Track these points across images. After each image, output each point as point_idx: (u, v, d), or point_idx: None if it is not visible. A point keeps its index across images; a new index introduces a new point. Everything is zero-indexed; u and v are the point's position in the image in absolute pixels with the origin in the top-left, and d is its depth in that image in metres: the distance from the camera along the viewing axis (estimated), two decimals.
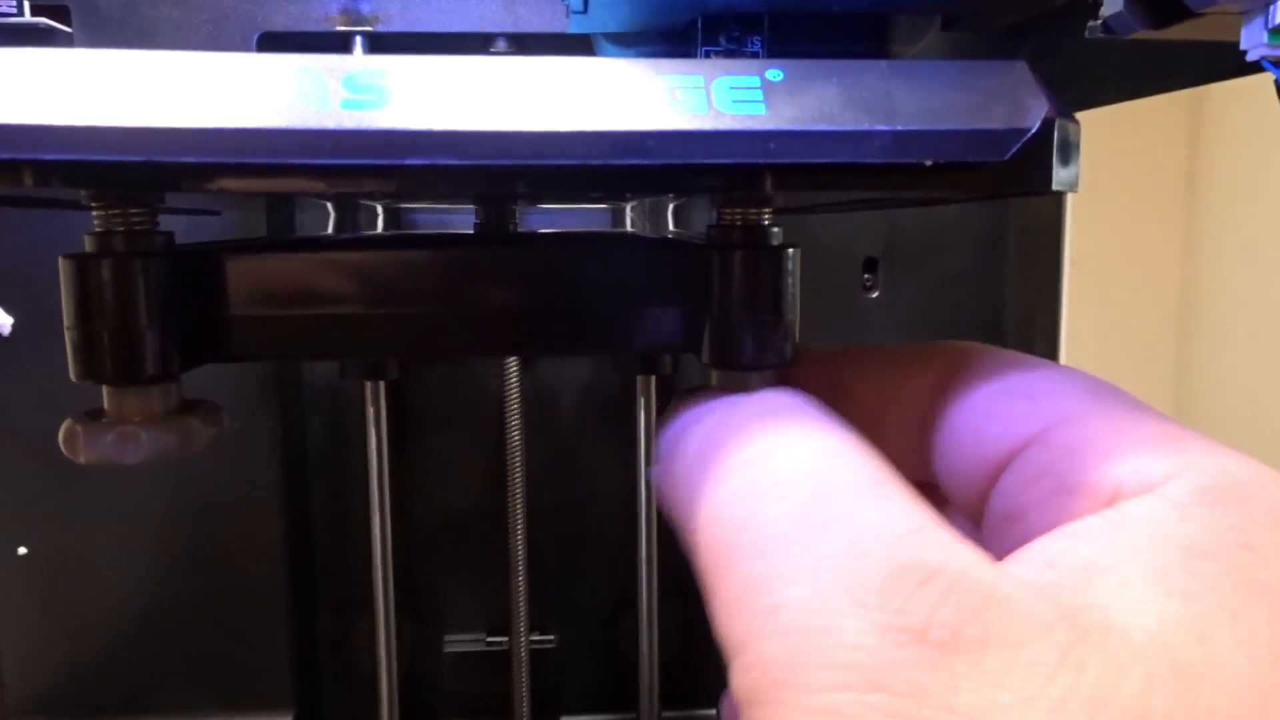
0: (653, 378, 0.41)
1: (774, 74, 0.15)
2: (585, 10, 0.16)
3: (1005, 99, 0.15)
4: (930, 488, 0.18)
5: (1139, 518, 0.13)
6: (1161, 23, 0.19)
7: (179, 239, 0.18)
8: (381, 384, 0.41)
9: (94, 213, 0.17)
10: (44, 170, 0.13)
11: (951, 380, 0.17)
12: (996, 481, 0.16)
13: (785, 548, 0.12)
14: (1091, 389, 0.16)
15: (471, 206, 0.32)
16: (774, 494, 0.13)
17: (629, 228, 0.42)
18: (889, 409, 0.18)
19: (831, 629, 0.11)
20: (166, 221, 0.18)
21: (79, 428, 0.17)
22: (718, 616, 0.13)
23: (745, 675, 0.12)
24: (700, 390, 0.18)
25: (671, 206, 0.40)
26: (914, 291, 0.42)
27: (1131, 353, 1.38)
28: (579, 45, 0.22)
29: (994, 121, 0.15)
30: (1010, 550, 0.13)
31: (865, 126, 0.14)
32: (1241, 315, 1.27)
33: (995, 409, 0.16)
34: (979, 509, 0.16)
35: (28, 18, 0.34)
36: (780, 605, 0.12)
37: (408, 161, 0.13)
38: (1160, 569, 0.12)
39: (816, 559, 0.12)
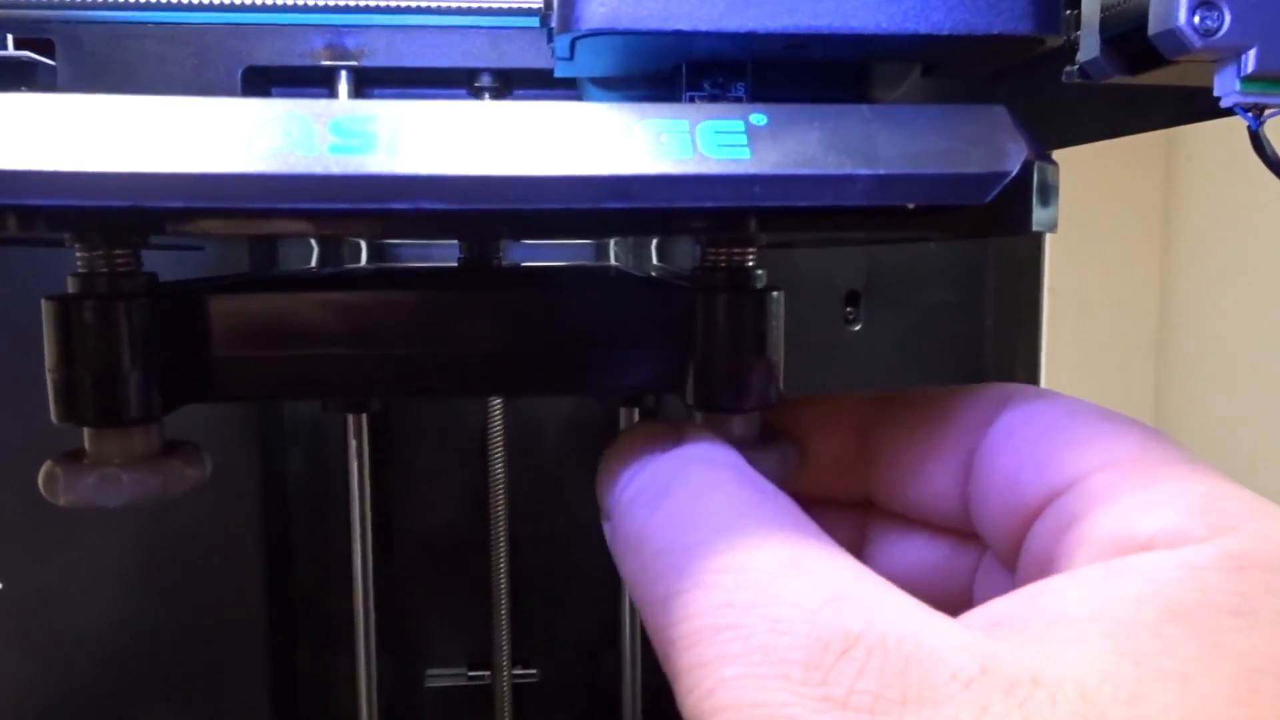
0: (635, 409, 0.41)
1: (758, 118, 0.15)
2: (571, 57, 0.17)
3: (985, 143, 0.15)
4: (970, 535, 0.18)
5: (1138, 572, 0.13)
6: (1136, 69, 0.19)
7: (161, 272, 0.18)
8: (364, 416, 0.40)
9: (77, 253, 0.17)
10: (30, 215, 0.13)
11: (992, 424, 0.17)
12: (1030, 528, 0.16)
13: (716, 634, 0.13)
14: (1141, 439, 0.15)
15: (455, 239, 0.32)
16: (702, 585, 0.14)
17: (612, 259, 0.42)
18: (930, 455, 0.18)
19: (763, 703, 0.12)
20: (149, 256, 0.18)
21: (59, 470, 0.17)
22: (677, 697, 0.14)
23: None
24: (637, 431, 0.18)
25: (655, 240, 0.40)
26: (896, 324, 0.42)
27: (1110, 382, 1.39)
28: (564, 81, 0.23)
29: (974, 165, 0.15)
30: None
31: (848, 170, 0.15)
32: (1218, 344, 1.29)
33: (1032, 454, 0.16)
34: (1015, 555, 0.16)
35: (11, 51, 0.34)
36: (716, 688, 0.13)
37: (394, 206, 0.13)
38: (1125, 627, 0.12)
39: (745, 641, 0.13)
